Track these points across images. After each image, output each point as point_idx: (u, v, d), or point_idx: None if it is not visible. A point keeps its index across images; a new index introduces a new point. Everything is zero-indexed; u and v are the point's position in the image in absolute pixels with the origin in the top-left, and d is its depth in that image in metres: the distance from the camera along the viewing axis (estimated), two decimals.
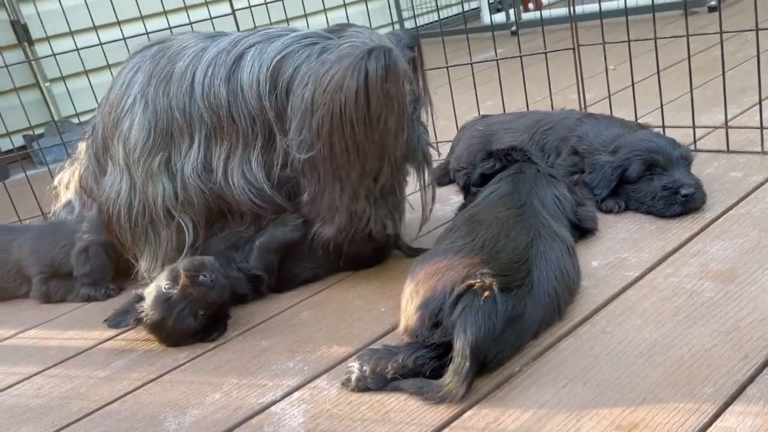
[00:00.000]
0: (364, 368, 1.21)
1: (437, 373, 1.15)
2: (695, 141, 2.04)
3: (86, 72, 2.71)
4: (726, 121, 2.00)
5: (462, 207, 1.78)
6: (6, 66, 2.61)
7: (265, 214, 1.62)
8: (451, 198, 2.08)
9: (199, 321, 1.48)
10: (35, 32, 3.71)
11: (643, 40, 2.12)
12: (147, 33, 2.55)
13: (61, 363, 1.56)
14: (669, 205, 1.65)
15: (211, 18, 2.67)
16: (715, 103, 2.21)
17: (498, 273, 1.19)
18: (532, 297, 1.24)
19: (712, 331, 1.19)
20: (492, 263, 1.22)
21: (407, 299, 1.26)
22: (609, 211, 1.74)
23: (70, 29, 2.74)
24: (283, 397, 1.26)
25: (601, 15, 2.17)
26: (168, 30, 2.43)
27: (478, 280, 1.15)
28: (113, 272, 1.88)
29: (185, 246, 1.66)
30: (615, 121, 1.92)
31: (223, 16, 2.78)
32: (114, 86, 1.70)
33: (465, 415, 1.11)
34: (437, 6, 3.33)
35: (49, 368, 1.54)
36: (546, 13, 4.31)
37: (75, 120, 3.80)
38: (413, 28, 4.57)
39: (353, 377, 1.22)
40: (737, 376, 1.07)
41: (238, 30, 2.76)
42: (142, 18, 2.67)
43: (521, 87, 2.36)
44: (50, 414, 1.36)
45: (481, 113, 2.35)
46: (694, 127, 2.02)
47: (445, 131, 2.41)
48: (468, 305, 1.13)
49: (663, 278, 1.40)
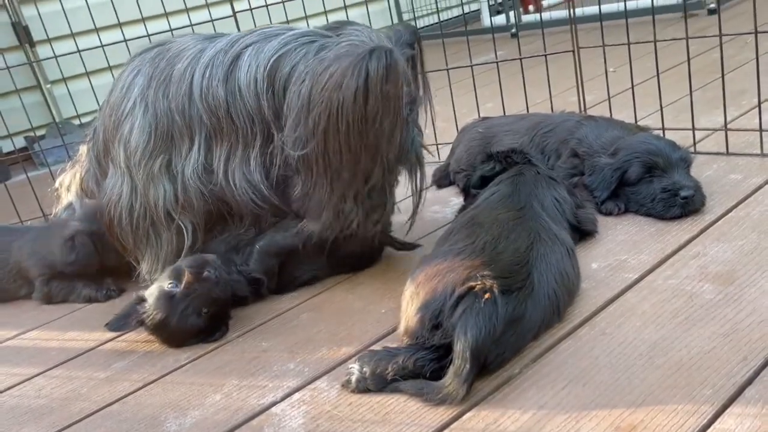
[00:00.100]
0: (365, 370, 1.21)
1: (437, 375, 1.16)
2: (695, 143, 2.04)
3: (87, 74, 2.71)
4: (725, 124, 2.00)
5: (462, 209, 1.78)
6: (7, 68, 2.61)
7: (265, 215, 1.62)
8: (451, 200, 2.09)
9: (203, 319, 1.48)
10: (37, 34, 3.71)
11: (643, 43, 2.13)
12: (148, 35, 2.56)
13: (62, 364, 1.56)
14: (668, 207, 1.65)
15: (212, 20, 2.67)
16: (715, 106, 2.22)
17: (498, 275, 1.20)
18: (533, 299, 1.24)
19: (711, 333, 1.20)
20: (492, 265, 1.23)
21: (407, 301, 1.27)
22: (609, 213, 1.75)
23: (72, 31, 2.74)
24: (284, 399, 1.26)
25: (601, 17, 2.17)
26: (169, 32, 2.43)
27: (479, 282, 1.16)
28: (99, 264, 1.84)
29: (184, 249, 1.66)
30: (615, 124, 1.93)
31: (224, 18, 2.78)
32: (114, 89, 1.70)
33: (465, 417, 1.12)
34: (437, 8, 3.34)
35: (50, 369, 1.55)
36: (546, 16, 4.32)
37: (76, 122, 3.80)
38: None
39: (353, 378, 1.22)
40: (736, 378, 1.07)
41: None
42: (143, 20, 2.67)
43: (521, 89, 2.36)
44: (51, 415, 1.36)
45: (481, 115, 2.35)
46: (694, 130, 2.02)
47: (445, 133, 2.42)
48: (469, 307, 1.13)
49: (662, 280, 1.41)
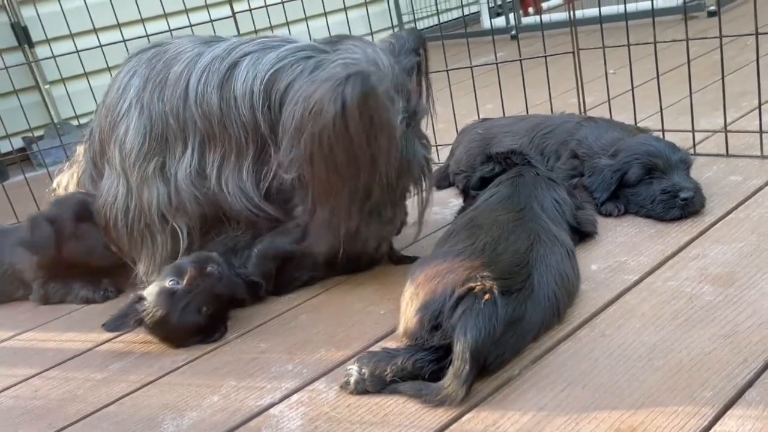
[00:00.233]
0: (363, 371, 1.20)
1: (436, 376, 1.15)
2: (694, 145, 2.04)
3: (86, 74, 2.71)
4: (725, 125, 2.00)
5: (461, 210, 1.78)
6: (6, 68, 2.61)
7: (261, 222, 1.62)
8: (451, 201, 2.08)
9: (203, 317, 1.48)
10: (35, 34, 3.71)
11: (643, 44, 2.12)
12: (147, 35, 2.55)
13: (59, 365, 1.55)
14: (668, 209, 1.65)
15: (212, 21, 2.67)
16: (715, 107, 2.22)
17: (498, 276, 1.19)
18: (532, 300, 1.23)
19: (711, 335, 1.19)
20: (492, 266, 1.22)
21: (407, 302, 1.26)
22: (608, 215, 1.74)
23: (71, 31, 2.74)
24: (282, 400, 1.25)
25: (601, 19, 2.17)
26: (168, 33, 2.43)
27: (479, 283, 1.15)
28: (58, 250, 1.80)
29: (180, 251, 1.65)
30: (614, 125, 1.92)
31: (224, 19, 2.78)
32: (111, 90, 1.69)
33: (464, 418, 1.11)
34: (437, 10, 3.34)
35: (47, 370, 1.54)
36: (546, 18, 4.32)
37: (74, 122, 3.79)
38: None
39: (352, 380, 1.21)
40: (736, 380, 1.07)
41: (239, 33, 2.77)
42: (143, 21, 2.67)
43: (521, 91, 2.36)
44: (48, 416, 1.35)
45: (481, 117, 2.35)
46: (694, 131, 2.02)
47: (445, 134, 2.42)
48: (468, 308, 1.12)
49: (662, 282, 1.40)
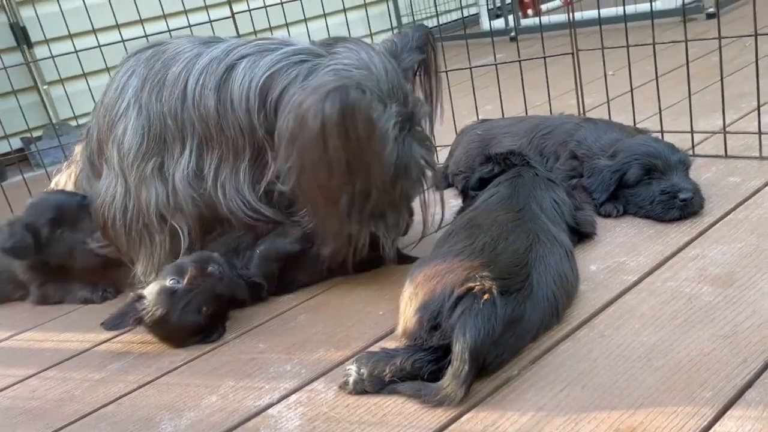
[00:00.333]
0: (362, 371, 1.20)
1: (435, 376, 1.15)
2: (693, 146, 2.04)
3: (85, 75, 2.71)
4: (724, 127, 2.00)
5: (460, 211, 1.77)
6: (5, 68, 2.61)
7: (259, 225, 1.61)
8: (450, 201, 2.08)
9: (203, 317, 1.47)
10: (34, 35, 3.71)
11: (642, 45, 2.13)
12: (146, 36, 2.55)
13: (57, 365, 1.55)
14: (667, 210, 1.65)
15: (211, 21, 2.67)
16: (714, 109, 2.22)
17: (498, 276, 1.19)
18: (532, 300, 1.23)
19: (711, 335, 1.19)
20: (492, 266, 1.22)
21: (406, 302, 1.26)
22: (607, 216, 1.74)
23: (69, 32, 2.74)
24: (280, 400, 1.25)
25: (600, 21, 2.17)
26: (167, 33, 2.43)
27: (478, 283, 1.15)
28: (34, 253, 1.79)
29: (180, 250, 1.65)
30: (614, 126, 1.92)
31: (223, 20, 2.77)
32: (109, 89, 1.69)
33: (463, 419, 1.11)
34: (437, 12, 3.34)
35: (45, 370, 1.54)
36: (545, 20, 4.32)
37: (73, 123, 3.79)
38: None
39: (351, 380, 1.21)
40: (736, 380, 1.07)
41: (238, 34, 2.77)
42: (141, 21, 2.67)
43: (520, 92, 2.36)
44: (45, 416, 1.35)
45: (480, 117, 2.35)
46: (693, 132, 2.02)
47: (444, 135, 2.41)
48: (467, 308, 1.12)
49: (661, 282, 1.40)
